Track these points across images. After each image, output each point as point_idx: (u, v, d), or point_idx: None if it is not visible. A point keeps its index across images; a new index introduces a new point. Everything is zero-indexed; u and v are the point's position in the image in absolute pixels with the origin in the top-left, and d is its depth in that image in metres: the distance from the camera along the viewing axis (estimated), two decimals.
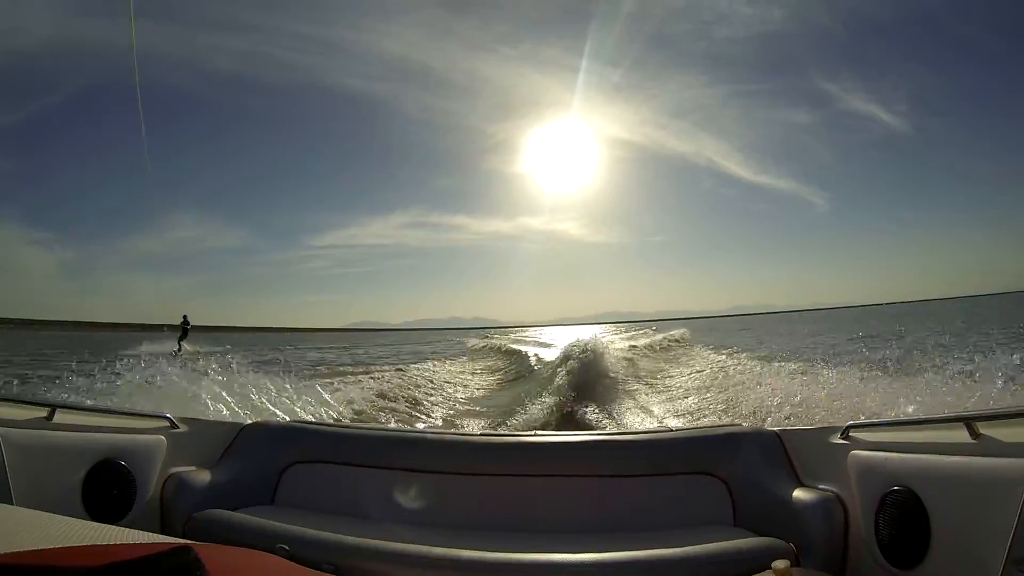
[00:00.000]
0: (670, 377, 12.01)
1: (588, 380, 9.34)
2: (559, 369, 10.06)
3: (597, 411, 7.90)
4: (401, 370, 12.91)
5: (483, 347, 20.44)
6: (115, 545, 0.65)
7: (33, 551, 0.63)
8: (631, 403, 8.92)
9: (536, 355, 14.89)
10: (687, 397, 9.44)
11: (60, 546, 0.65)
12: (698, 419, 7.59)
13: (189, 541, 0.76)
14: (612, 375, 10.18)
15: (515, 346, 18.43)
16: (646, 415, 8.17)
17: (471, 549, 1.59)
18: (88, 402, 4.37)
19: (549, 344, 17.89)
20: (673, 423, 7.28)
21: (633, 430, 5.44)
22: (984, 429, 1.32)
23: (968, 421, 1.35)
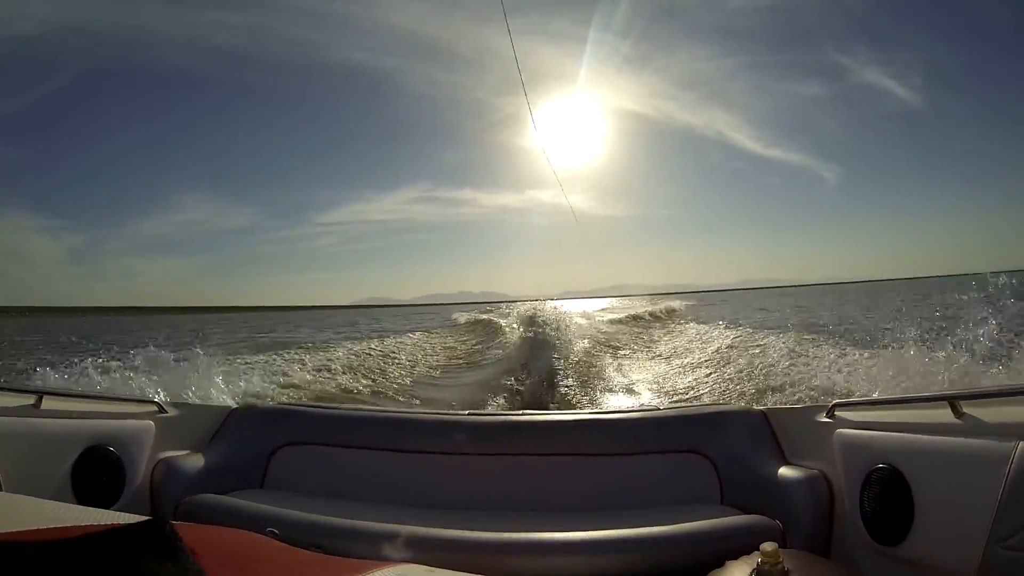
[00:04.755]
0: (661, 349, 12.04)
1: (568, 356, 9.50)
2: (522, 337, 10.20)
3: (572, 387, 7.94)
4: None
5: (474, 321, 20.32)
6: (102, 525, 0.65)
7: (18, 532, 0.63)
8: (607, 377, 8.91)
9: (516, 327, 14.62)
10: (678, 369, 9.40)
11: (48, 527, 0.65)
12: (684, 397, 7.55)
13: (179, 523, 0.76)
14: (586, 348, 10.39)
15: (500, 320, 18.20)
16: (630, 391, 8.14)
17: (459, 529, 1.61)
18: (76, 388, 4.45)
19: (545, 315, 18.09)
20: (661, 401, 7.25)
21: (620, 408, 5.58)
22: (967, 408, 1.33)
23: (951, 400, 1.36)
